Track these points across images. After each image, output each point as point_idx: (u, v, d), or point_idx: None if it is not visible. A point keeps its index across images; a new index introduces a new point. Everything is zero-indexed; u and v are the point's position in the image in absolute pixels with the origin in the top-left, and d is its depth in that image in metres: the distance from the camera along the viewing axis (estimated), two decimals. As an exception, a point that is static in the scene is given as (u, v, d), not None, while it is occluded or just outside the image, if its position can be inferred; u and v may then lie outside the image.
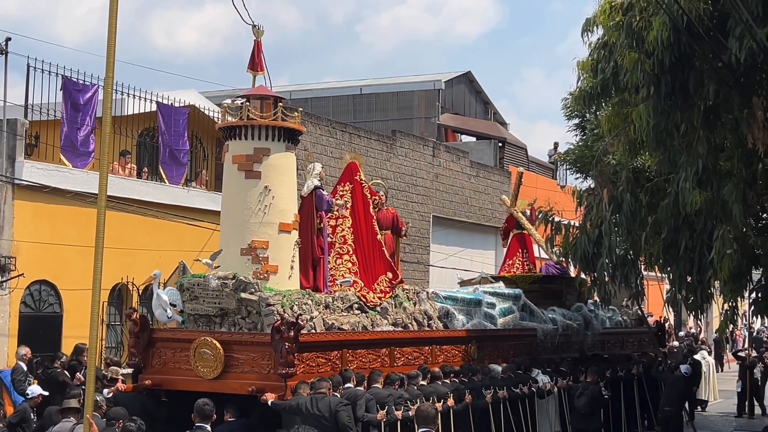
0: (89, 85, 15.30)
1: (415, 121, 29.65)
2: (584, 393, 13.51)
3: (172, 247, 15.76)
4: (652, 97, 10.80)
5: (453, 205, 25.13)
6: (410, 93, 30.26)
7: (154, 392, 10.79)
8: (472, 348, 13.20)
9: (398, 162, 22.79)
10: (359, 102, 30.19)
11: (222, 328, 10.79)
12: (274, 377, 10.12)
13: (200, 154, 19.15)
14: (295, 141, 11.47)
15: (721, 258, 10.58)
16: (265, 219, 11.01)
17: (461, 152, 26.24)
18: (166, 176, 16.86)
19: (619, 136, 12.19)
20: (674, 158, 11.45)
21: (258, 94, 11.40)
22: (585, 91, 11.95)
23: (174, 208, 16.33)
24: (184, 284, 10.99)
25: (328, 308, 11.38)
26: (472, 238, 26.24)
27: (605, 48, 11.66)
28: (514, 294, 14.85)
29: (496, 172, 27.63)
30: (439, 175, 24.60)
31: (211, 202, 17.49)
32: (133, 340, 11.02)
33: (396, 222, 13.86)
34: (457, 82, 31.50)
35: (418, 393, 11.10)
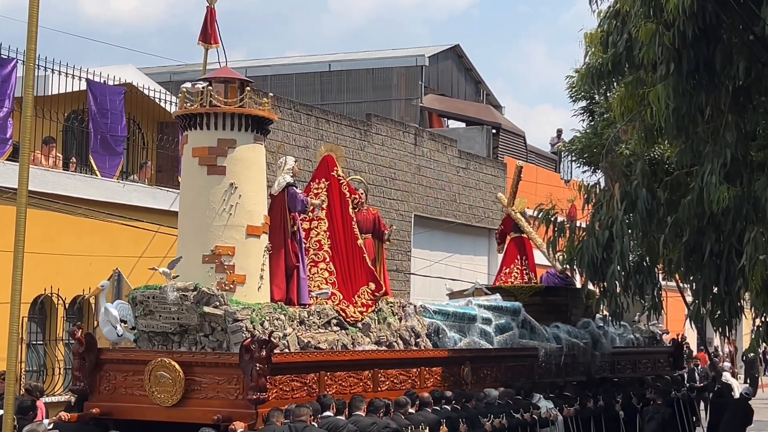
0: (6, 59, 15.17)
1: (394, 104, 29.65)
2: (654, 417, 14.15)
3: (105, 252, 15.67)
4: (672, 75, 10.85)
5: (438, 202, 25.17)
6: (388, 70, 30.25)
7: (102, 422, 10.75)
8: (466, 370, 13.27)
9: (374, 152, 22.78)
10: (328, 80, 30.16)
11: (181, 348, 10.78)
12: (243, 403, 10.13)
13: (139, 141, 19.07)
14: (264, 131, 11.46)
15: (753, 265, 10.64)
16: (231, 221, 11.03)
17: (448, 140, 26.28)
18: (97, 168, 16.76)
19: (633, 121, 12.24)
20: (698, 148, 11.51)
21: (222, 76, 11.39)
22: (593, 68, 11.99)
23: (107, 206, 16.23)
24: (137, 297, 10.96)
25: (303, 324, 11.40)
26: (461, 242, 26.29)
27: (617, 17, 11.71)
28: (512, 308, 14.89)
29: (489, 164, 27.70)
30: (422, 167, 24.62)
31: (152, 199, 17.43)
32: (78, 362, 10.97)
33: (378, 224, 13.86)
34: (444, 57, 31.52)
35: (407, 422, 11.19)
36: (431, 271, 23.70)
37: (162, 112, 18.82)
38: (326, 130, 21.33)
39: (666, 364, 18.55)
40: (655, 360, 18.41)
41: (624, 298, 12.48)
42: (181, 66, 29.71)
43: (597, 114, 18.03)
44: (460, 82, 32.18)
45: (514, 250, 17.15)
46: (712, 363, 28.26)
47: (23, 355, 15.23)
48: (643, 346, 18.26)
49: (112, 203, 16.45)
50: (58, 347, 15.84)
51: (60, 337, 15.85)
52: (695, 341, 36.84)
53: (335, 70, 30.33)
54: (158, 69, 28.45)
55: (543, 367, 14.92)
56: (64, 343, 15.83)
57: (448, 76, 31.67)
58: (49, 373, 15.67)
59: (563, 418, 14.13)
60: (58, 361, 15.76)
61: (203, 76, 11.88)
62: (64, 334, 15.81)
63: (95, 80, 16.89)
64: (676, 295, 22.49)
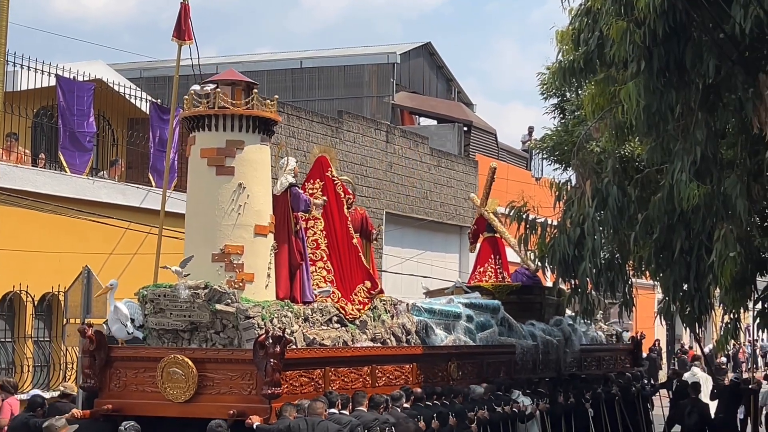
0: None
1: (366, 101, 29.61)
2: (694, 411, 15.40)
3: (75, 249, 15.54)
4: (643, 73, 10.86)
5: (410, 199, 25.17)
6: (359, 67, 30.20)
7: (111, 418, 10.84)
8: (453, 366, 13.62)
9: (345, 148, 22.74)
10: (299, 77, 30.08)
11: (191, 344, 10.95)
12: (257, 398, 10.36)
13: (109, 138, 18.94)
14: (270, 132, 11.72)
15: (723, 262, 10.68)
16: (240, 221, 11.27)
17: (420, 137, 26.27)
18: (67, 164, 16.64)
19: (604, 118, 12.26)
20: (668, 145, 11.53)
21: (228, 79, 11.67)
22: (565, 66, 11.99)
23: (77, 203, 16.14)
24: (147, 295, 11.12)
25: (307, 321, 11.66)
26: (433, 239, 26.31)
27: (588, 15, 11.71)
28: (492, 306, 15.23)
29: (460, 162, 27.73)
30: (393, 164, 24.61)
31: (121, 196, 17.32)
32: (88, 360, 11.11)
33: (365, 224, 14.21)
34: (415, 54, 31.50)
35: (404, 416, 11.54)
36: (403, 269, 23.69)
37: (132, 109, 18.72)
38: (298, 127, 21.27)
39: (626, 360, 19.05)
40: (617, 357, 18.87)
41: (596, 295, 12.52)
42: (151, 62, 29.53)
43: (568, 111, 18.07)
44: (432, 79, 32.18)
45: (488, 249, 17.37)
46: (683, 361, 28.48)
47: (-8, 352, 15.15)
48: (604, 343, 18.67)
49: (82, 200, 16.39)
50: (27, 344, 15.71)
51: (29, 334, 15.73)
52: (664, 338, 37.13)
53: (307, 67, 30.25)
54: (128, 65, 28.29)
55: (520, 363, 15.24)
56: (33, 340, 15.71)
57: (420, 74, 31.67)
58: (18, 371, 15.53)
59: (540, 413, 14.45)
60: (27, 358, 15.64)
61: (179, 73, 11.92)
62: (33, 331, 15.69)
63: (65, 76, 16.75)
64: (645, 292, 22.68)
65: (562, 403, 15.14)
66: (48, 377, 15.94)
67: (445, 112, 30.36)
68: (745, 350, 35.99)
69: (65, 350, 15.73)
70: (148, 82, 27.10)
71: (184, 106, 11.83)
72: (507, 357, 15.00)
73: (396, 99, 29.81)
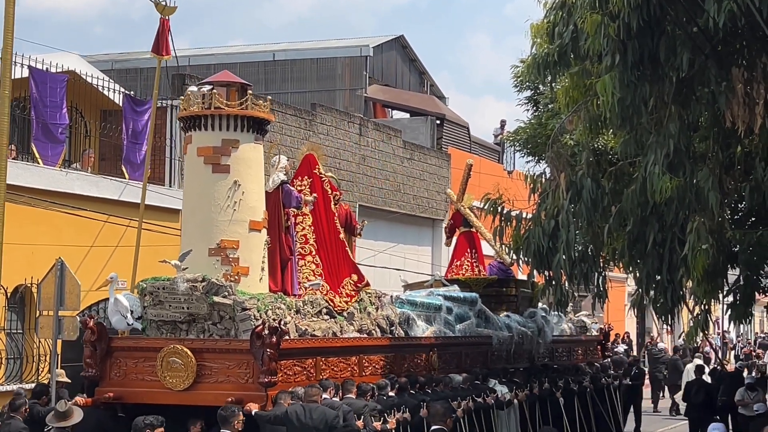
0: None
1: (339, 93, 29.59)
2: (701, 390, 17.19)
3: (47, 241, 15.45)
4: (617, 66, 10.90)
5: (383, 192, 25.17)
6: (332, 60, 30.18)
7: (111, 406, 11.24)
8: (434, 356, 14.04)
9: (318, 141, 22.63)
10: (272, 70, 30.03)
11: (189, 335, 11.32)
12: (254, 386, 10.80)
13: (81, 129, 18.81)
14: (263, 131, 12.15)
15: (695, 254, 10.74)
16: (235, 216, 11.70)
17: (392, 130, 26.28)
18: (39, 156, 16.50)
19: (578, 111, 12.31)
20: (642, 138, 11.59)
21: (223, 80, 12.13)
22: (540, 59, 12.02)
23: (49, 194, 16.02)
24: (146, 288, 11.48)
25: (299, 313, 12.11)
26: (405, 232, 26.33)
27: (563, 9, 11.75)
28: (470, 298, 15.58)
29: (433, 155, 27.76)
30: (366, 157, 24.61)
31: (95, 188, 17.21)
32: (89, 350, 11.45)
33: (350, 219, 14.64)
34: (388, 48, 31.51)
35: (391, 404, 11.93)
36: (375, 261, 23.68)
37: (105, 100, 18.60)
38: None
39: (595, 351, 19.55)
40: (586, 348, 19.38)
41: (570, 286, 12.58)
42: (123, 54, 29.37)
43: (542, 104, 18.15)
44: (405, 72, 32.20)
45: (465, 243, 17.70)
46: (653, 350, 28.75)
47: (-37, 345, 15.01)
48: (574, 334, 19.05)
49: (55, 191, 16.26)
50: (0, 337, 15.58)
51: (1, 326, 15.61)
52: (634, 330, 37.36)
53: (279, 59, 30.21)
54: (101, 57, 28.13)
55: (496, 354, 15.70)
56: (5, 332, 15.58)
57: (393, 67, 31.67)
58: (-8, 364, 15.43)
59: (517, 402, 14.85)
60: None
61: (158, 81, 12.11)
62: (6, 323, 15.57)
63: (37, 68, 16.61)
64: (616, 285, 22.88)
65: (536, 393, 15.47)
66: (21, 369, 15.83)
67: (418, 105, 30.39)
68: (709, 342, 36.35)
69: (38, 342, 15.62)
70: (120, 74, 26.91)
71: (181, 106, 12.19)
72: (484, 348, 15.44)
73: (369, 92, 29.80)
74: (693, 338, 12.59)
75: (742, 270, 12.06)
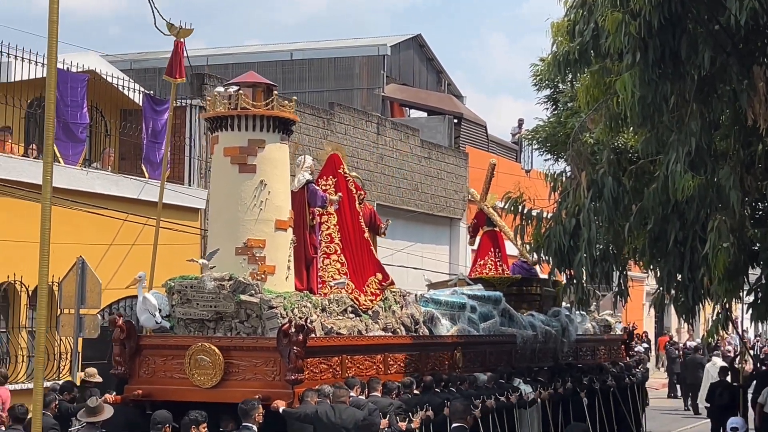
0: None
1: (356, 93, 29.64)
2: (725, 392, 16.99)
3: (68, 240, 15.52)
4: (638, 64, 10.89)
5: (400, 191, 25.20)
6: (350, 59, 30.24)
7: (140, 403, 11.36)
8: (458, 355, 14.14)
9: (336, 140, 22.70)
10: (290, 69, 30.10)
11: (216, 333, 11.48)
12: (281, 384, 10.94)
13: (101, 128, 18.91)
14: (288, 132, 12.29)
15: (716, 253, 10.72)
16: (261, 216, 11.85)
17: (410, 129, 26.31)
18: (60, 155, 16.58)
19: (599, 110, 12.30)
20: (663, 136, 11.58)
21: (249, 81, 12.26)
22: (560, 57, 12.02)
23: (70, 193, 16.09)
24: (174, 287, 11.64)
25: (324, 311, 12.22)
26: (423, 231, 26.36)
27: (584, 7, 11.74)
28: (494, 297, 15.65)
29: (450, 153, 27.78)
30: (384, 156, 24.65)
31: (115, 187, 17.30)
32: (119, 348, 11.58)
33: (374, 219, 14.75)
34: (405, 47, 31.54)
35: (416, 402, 11.99)
36: (393, 260, 23.71)
37: (125, 100, 18.69)
38: (290, 119, 21.26)
39: (619, 351, 19.59)
40: (610, 347, 19.38)
41: (590, 285, 12.59)
42: (142, 54, 29.50)
43: (561, 103, 18.15)
44: (422, 71, 32.22)
45: (488, 243, 17.84)
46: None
47: (-14, 342, 15.14)
48: (597, 334, 19.05)
49: (76, 190, 16.34)
50: (21, 335, 15.70)
51: (23, 324, 15.72)
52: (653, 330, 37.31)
53: (297, 59, 30.29)
54: (119, 57, 28.23)
55: (520, 353, 15.78)
56: (27, 330, 15.69)
57: (410, 66, 31.70)
58: (12, 361, 15.53)
59: (540, 401, 14.89)
60: (21, 348, 15.63)
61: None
62: (28, 321, 15.68)
63: (58, 67, 16.68)
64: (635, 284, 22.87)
65: (560, 392, 15.52)
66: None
67: (436, 104, 30.41)
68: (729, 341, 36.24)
69: (59, 340, 15.72)
70: (138, 73, 27.04)
71: (207, 107, 12.35)
72: (508, 346, 15.55)
73: (386, 91, 29.84)
74: (712, 337, 12.54)
75: (764, 269, 12.03)
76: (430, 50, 32.56)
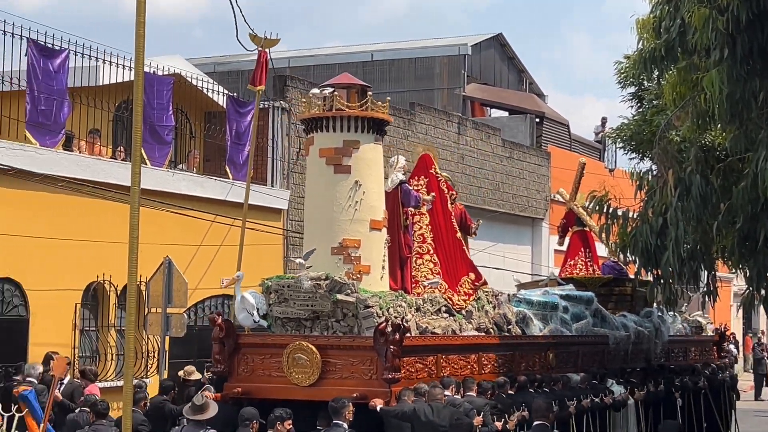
0: (59, 50, 15.33)
1: (437, 93, 29.67)
2: None
3: (154, 240, 15.78)
4: (726, 60, 10.77)
5: (482, 191, 25.17)
6: (430, 59, 30.28)
7: (239, 401, 11.54)
8: (551, 355, 14.13)
9: (417, 140, 22.79)
10: (370, 70, 30.22)
11: (313, 332, 11.66)
12: (378, 383, 11.06)
13: (186, 130, 19.22)
14: (382, 132, 12.40)
15: (807, 252, 10.57)
16: (356, 216, 11.99)
17: (491, 129, 26.26)
18: (147, 157, 16.86)
19: (686, 107, 12.17)
20: (752, 133, 11.41)
21: (344, 82, 12.42)
22: (646, 54, 11.93)
23: (156, 194, 16.31)
24: (271, 286, 11.86)
25: (419, 311, 12.33)
26: (505, 231, 26.27)
27: (670, 3, 11.62)
28: (586, 297, 15.61)
29: (532, 153, 27.65)
30: (465, 156, 24.64)
31: (200, 188, 17.57)
32: (218, 346, 11.84)
33: (464, 219, 14.75)
34: (486, 46, 31.48)
35: (510, 402, 12.05)
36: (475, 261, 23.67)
37: (209, 102, 18.97)
38: (371, 119, 21.37)
39: (710, 352, 19.32)
40: (702, 348, 19.14)
41: (678, 285, 12.45)
42: (225, 56, 29.90)
43: (646, 100, 17.96)
44: (503, 71, 32.12)
45: (578, 243, 17.81)
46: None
47: (77, 340, 15.49)
48: (689, 334, 18.84)
49: (162, 192, 16.58)
50: (110, 333, 16.05)
51: (112, 323, 16.06)
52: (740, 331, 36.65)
53: (378, 59, 30.42)
54: (202, 59, 28.67)
55: (612, 353, 15.69)
56: (116, 329, 16.03)
57: (491, 65, 31.62)
58: (102, 359, 15.88)
59: (633, 402, 14.86)
60: (110, 346, 15.97)
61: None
62: (116, 320, 16.02)
63: (145, 70, 16.98)
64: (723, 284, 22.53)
65: (653, 393, 15.46)
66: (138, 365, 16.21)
67: (517, 103, 30.29)
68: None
69: (147, 339, 16.03)
70: (222, 75, 27.43)
71: (302, 109, 12.55)
72: (600, 347, 15.47)
73: (467, 91, 29.81)
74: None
75: None
76: (511, 49, 32.44)
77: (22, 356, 14.35)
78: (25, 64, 14.93)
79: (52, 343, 14.46)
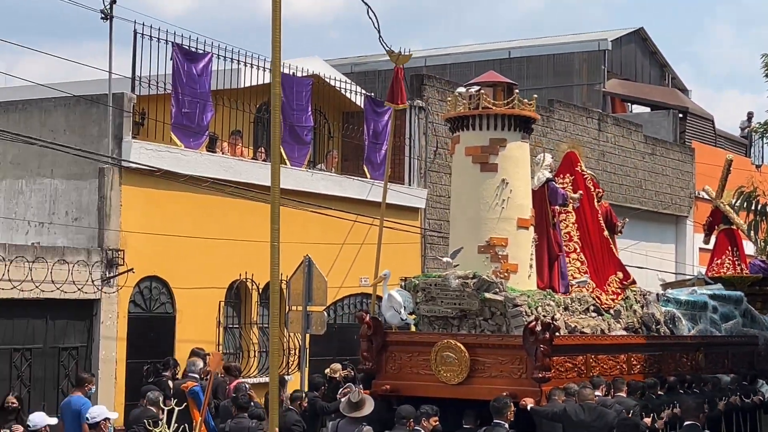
0: (203, 54, 15.73)
1: (576, 89, 29.33)
2: None
3: (295, 239, 16.05)
4: None
5: (623, 188, 24.76)
6: (569, 55, 29.94)
7: (386, 398, 11.77)
8: (700, 356, 13.99)
9: (556, 137, 22.59)
10: (507, 67, 29.98)
11: (461, 330, 11.77)
12: (528, 382, 11.10)
13: (324, 131, 19.47)
14: (529, 130, 12.41)
15: None
16: (503, 214, 12.05)
17: (633, 125, 25.81)
18: (287, 157, 17.14)
19: (839, 99, 11.74)
20: None
21: (490, 81, 12.52)
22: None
23: (296, 194, 16.56)
24: (418, 284, 12.04)
25: (567, 310, 12.34)
26: (647, 229, 25.78)
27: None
28: (735, 297, 15.41)
29: (675, 149, 27.07)
30: (606, 152, 24.28)
31: (338, 188, 17.78)
32: (366, 344, 12.09)
33: (610, 217, 14.64)
34: (627, 41, 30.95)
35: (660, 403, 11.92)
36: (620, 260, 23.36)
37: (346, 102, 19.16)
38: (509, 117, 21.27)
39: None
40: None
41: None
42: (362, 57, 30.18)
43: (795, 94, 17.39)
44: (645, 66, 31.53)
45: (725, 241, 17.57)
46: None
47: (221, 337, 15.87)
48: None
49: (301, 191, 16.83)
50: (253, 331, 16.39)
51: (254, 320, 16.39)
52: None
53: (515, 56, 30.23)
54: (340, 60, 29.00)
55: (762, 354, 15.43)
56: (258, 327, 16.36)
57: (632, 60, 31.08)
58: (245, 356, 16.22)
59: None
60: (252, 343, 16.31)
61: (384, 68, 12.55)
62: (258, 318, 16.35)
63: (284, 72, 17.30)
64: None
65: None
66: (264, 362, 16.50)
67: (659, 98, 29.70)
68: None
69: (288, 336, 16.29)
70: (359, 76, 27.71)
71: (448, 107, 12.59)
72: (750, 348, 15.23)
73: (607, 86, 29.38)
74: None
75: None
76: (652, 43, 31.81)
77: (169, 352, 14.78)
78: (170, 68, 15.36)
79: (197, 339, 14.88)
